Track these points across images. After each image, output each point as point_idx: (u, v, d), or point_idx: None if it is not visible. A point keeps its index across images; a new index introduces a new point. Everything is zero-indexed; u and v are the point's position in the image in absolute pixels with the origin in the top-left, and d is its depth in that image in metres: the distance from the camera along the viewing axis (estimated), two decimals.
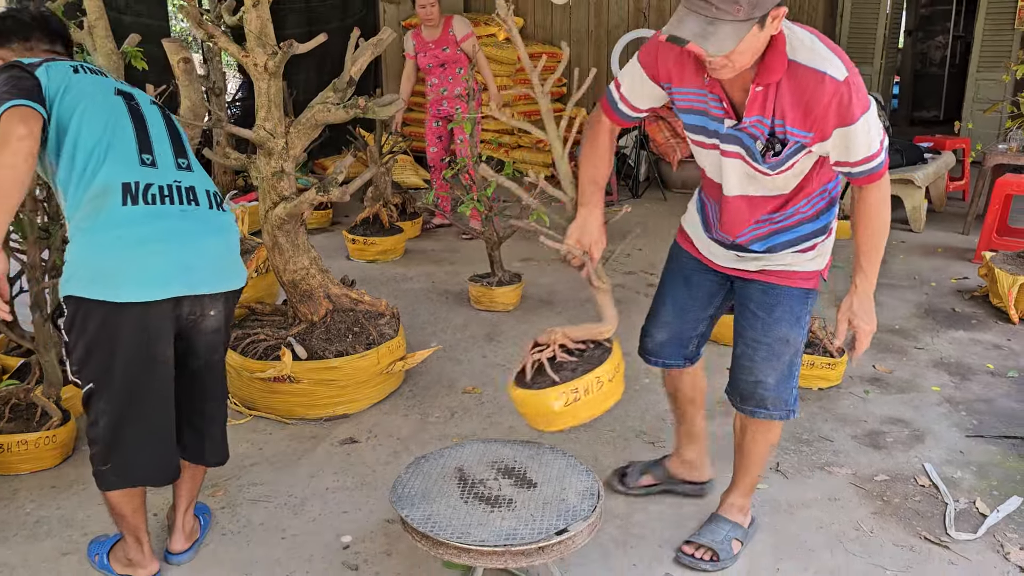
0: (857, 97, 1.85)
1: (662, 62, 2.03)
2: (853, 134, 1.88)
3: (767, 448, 2.39)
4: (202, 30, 2.94)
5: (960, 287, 4.74)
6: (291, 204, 3.08)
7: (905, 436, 3.09)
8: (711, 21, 1.72)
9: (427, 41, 5.65)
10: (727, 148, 2.03)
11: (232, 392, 3.33)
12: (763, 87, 1.88)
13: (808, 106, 1.87)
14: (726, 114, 1.98)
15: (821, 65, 1.84)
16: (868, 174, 1.96)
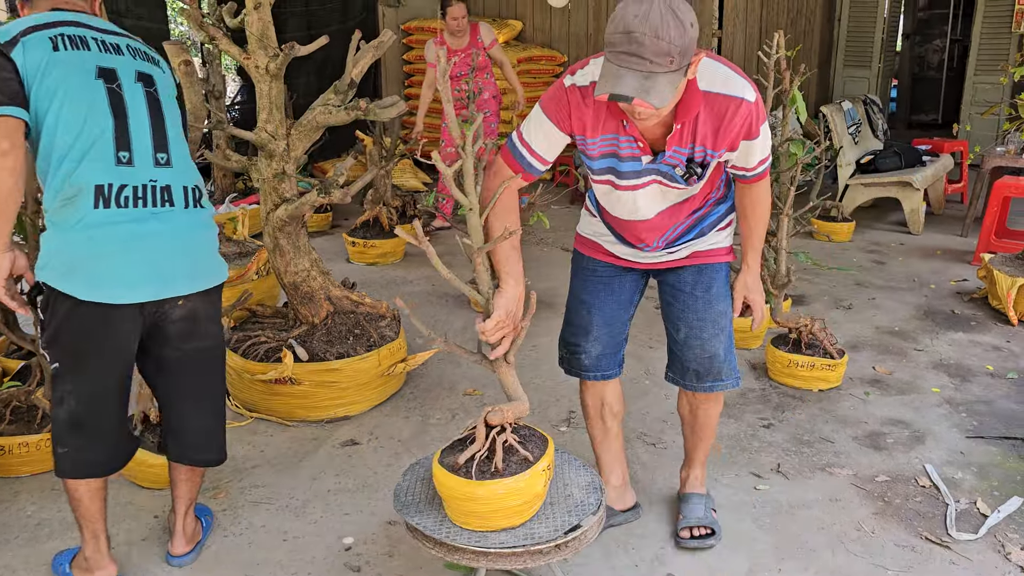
0: (761, 114, 2.01)
1: (575, 115, 2.02)
2: (755, 146, 2.06)
3: (717, 418, 2.54)
4: (204, 32, 2.95)
5: (959, 289, 4.74)
6: (292, 206, 3.09)
7: (906, 437, 3.09)
8: (648, 75, 1.74)
9: (455, 50, 5.78)
10: (641, 181, 2.11)
11: (233, 394, 3.34)
12: (682, 124, 1.96)
13: (725, 129, 1.98)
14: (642, 151, 2.04)
15: (735, 91, 1.95)
16: (759, 175, 2.18)
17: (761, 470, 2.87)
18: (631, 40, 1.73)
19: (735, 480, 2.80)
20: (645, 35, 1.72)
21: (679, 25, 1.73)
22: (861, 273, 5.03)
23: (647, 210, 2.18)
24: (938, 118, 11.27)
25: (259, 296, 3.74)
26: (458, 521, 1.95)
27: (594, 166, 2.14)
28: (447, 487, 1.92)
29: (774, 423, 3.20)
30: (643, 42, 1.72)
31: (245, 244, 3.94)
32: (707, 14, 7.60)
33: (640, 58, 1.73)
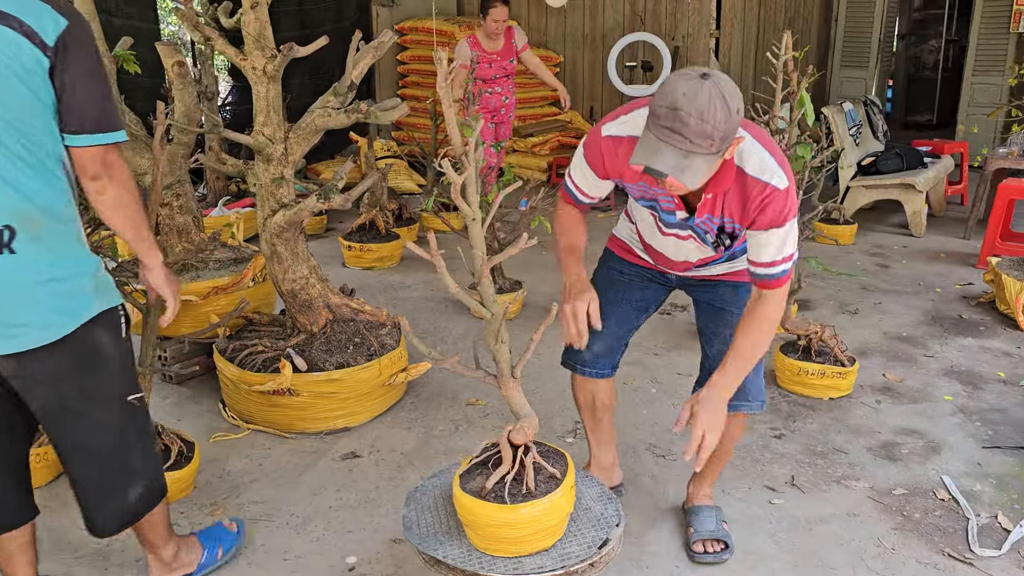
0: (791, 206, 1.94)
1: (609, 164, 2.07)
2: (775, 236, 1.96)
3: (738, 440, 2.44)
4: (199, 33, 2.85)
5: (965, 293, 4.68)
6: (291, 212, 2.99)
7: (920, 447, 3.02)
8: (686, 154, 1.75)
9: (490, 52, 5.66)
10: (679, 232, 2.16)
11: (229, 405, 3.24)
12: (712, 195, 1.98)
13: (749, 208, 1.96)
14: (676, 207, 2.07)
15: (767, 176, 1.92)
16: (773, 278, 2.01)
17: (775, 483, 2.79)
18: (676, 117, 1.73)
19: (748, 493, 2.72)
20: (691, 115, 1.72)
21: (726, 110, 1.75)
22: (866, 277, 4.96)
23: (679, 254, 2.25)
24: (933, 119, 11.23)
25: (255, 303, 3.64)
26: (488, 548, 1.87)
27: (640, 204, 2.20)
28: (477, 515, 1.84)
29: (786, 433, 3.12)
30: (688, 122, 1.73)
31: (240, 250, 3.84)
32: (705, 14, 7.53)
33: (682, 137, 1.74)
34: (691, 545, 2.43)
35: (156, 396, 3.39)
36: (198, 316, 3.50)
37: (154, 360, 2.67)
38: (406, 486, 2.78)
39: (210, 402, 3.37)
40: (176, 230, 3.63)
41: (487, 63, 5.67)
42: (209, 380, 3.50)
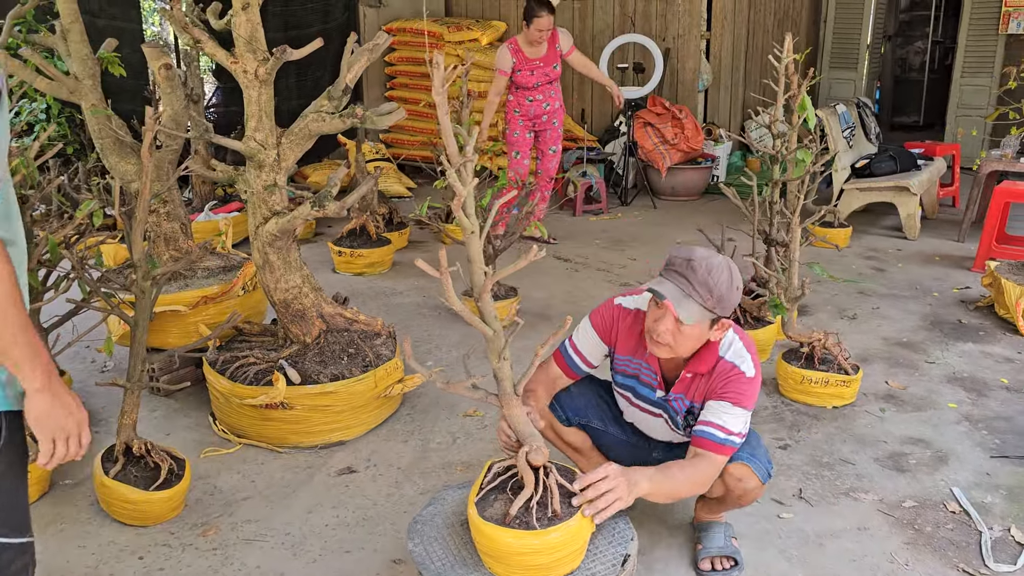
0: (750, 394, 2.18)
1: (614, 328, 2.34)
2: (736, 413, 2.15)
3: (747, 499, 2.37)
4: (189, 35, 2.75)
5: (963, 297, 4.65)
6: (284, 219, 2.90)
7: (928, 457, 2.97)
8: (686, 295, 2.05)
9: (532, 59, 5.41)
10: (653, 410, 2.36)
11: (220, 419, 3.15)
12: (692, 374, 2.23)
13: (716, 384, 2.19)
14: (658, 385, 2.30)
15: (739, 361, 2.19)
16: (710, 438, 2.14)
17: (783, 496, 2.73)
18: (688, 266, 2.07)
19: (756, 508, 2.66)
20: (700, 267, 2.06)
21: (730, 280, 2.09)
22: (864, 281, 4.92)
23: (654, 433, 2.44)
24: (920, 120, 11.26)
25: (245, 313, 3.54)
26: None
27: (617, 379, 2.41)
28: (502, 543, 1.77)
29: (791, 443, 3.06)
30: (696, 270, 2.06)
31: (229, 257, 3.74)
32: (695, 15, 7.48)
33: (687, 280, 2.06)
34: (699, 562, 2.36)
35: (144, 409, 3.29)
36: (186, 327, 3.40)
37: (142, 375, 2.57)
38: (405, 502, 2.69)
39: (200, 415, 3.27)
40: (164, 237, 3.53)
41: (528, 70, 5.42)
42: (199, 393, 3.40)
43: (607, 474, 1.95)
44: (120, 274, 3.47)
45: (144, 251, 2.57)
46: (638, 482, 1.99)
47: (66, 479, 2.83)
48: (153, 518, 2.55)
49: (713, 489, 2.27)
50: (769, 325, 3.76)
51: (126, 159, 3.36)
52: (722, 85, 7.90)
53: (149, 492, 2.52)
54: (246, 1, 2.74)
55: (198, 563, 2.39)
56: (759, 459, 2.27)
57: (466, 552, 1.90)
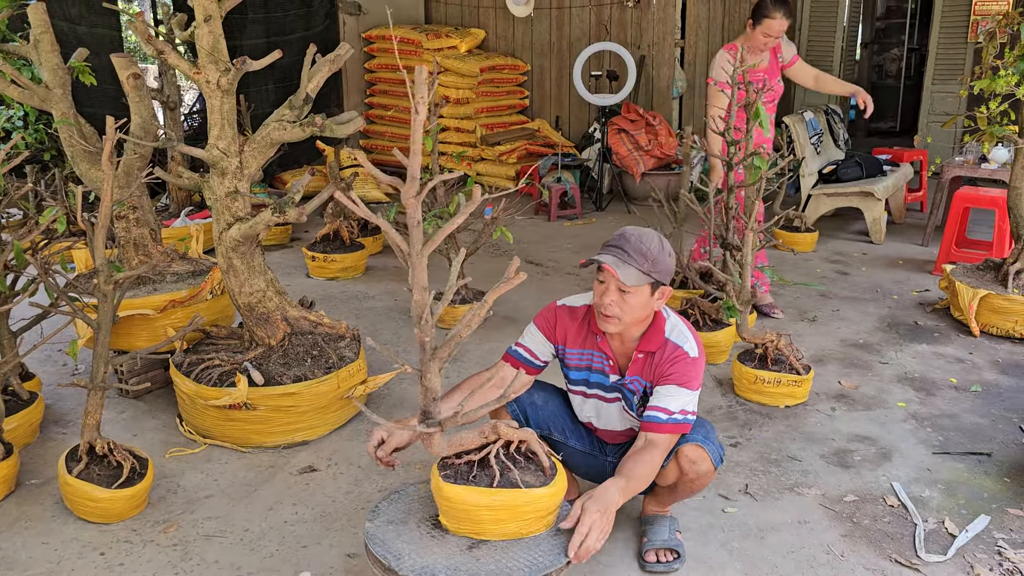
0: (696, 374, 2.32)
1: (559, 327, 2.46)
2: (682, 393, 2.30)
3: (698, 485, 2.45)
4: (151, 46, 2.83)
5: (922, 300, 4.76)
6: (246, 225, 2.98)
7: (872, 454, 3.07)
8: (622, 262, 2.22)
9: (751, 70, 4.23)
10: (608, 396, 2.46)
11: (186, 420, 3.22)
12: (643, 354, 2.36)
13: (664, 365, 2.33)
14: (611, 370, 2.42)
15: (681, 341, 2.34)
16: (657, 422, 2.27)
17: (729, 491, 2.82)
18: (621, 237, 2.27)
19: (702, 503, 2.75)
20: (632, 236, 2.26)
21: (660, 246, 2.28)
22: (825, 284, 5.03)
23: (610, 423, 2.51)
24: (896, 126, 11.41)
25: (213, 317, 3.62)
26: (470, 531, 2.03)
27: (571, 375, 2.51)
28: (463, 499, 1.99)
29: (741, 442, 3.16)
30: (629, 239, 2.25)
31: (199, 262, 3.81)
32: (670, 24, 7.61)
33: (621, 249, 2.24)
34: (643, 555, 2.45)
35: (112, 411, 3.37)
36: (155, 330, 3.47)
37: (105, 377, 2.64)
38: (363, 499, 2.77)
39: (167, 417, 3.35)
40: (133, 243, 3.60)
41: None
42: (166, 394, 3.48)
43: (583, 512, 2.05)
44: (87, 280, 3.54)
45: (106, 256, 2.64)
46: (611, 503, 2.09)
47: (32, 479, 2.90)
48: (115, 515, 2.62)
49: (666, 475, 2.36)
50: (727, 327, 3.86)
51: (96, 166, 3.43)
52: (696, 92, 8.02)
53: (112, 490, 2.59)
54: (208, 13, 2.82)
55: (158, 558, 2.47)
56: (712, 443, 2.38)
57: (436, 547, 2.00)
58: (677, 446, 2.33)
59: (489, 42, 8.39)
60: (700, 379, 2.33)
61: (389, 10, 8.06)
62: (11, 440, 2.87)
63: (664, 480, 2.40)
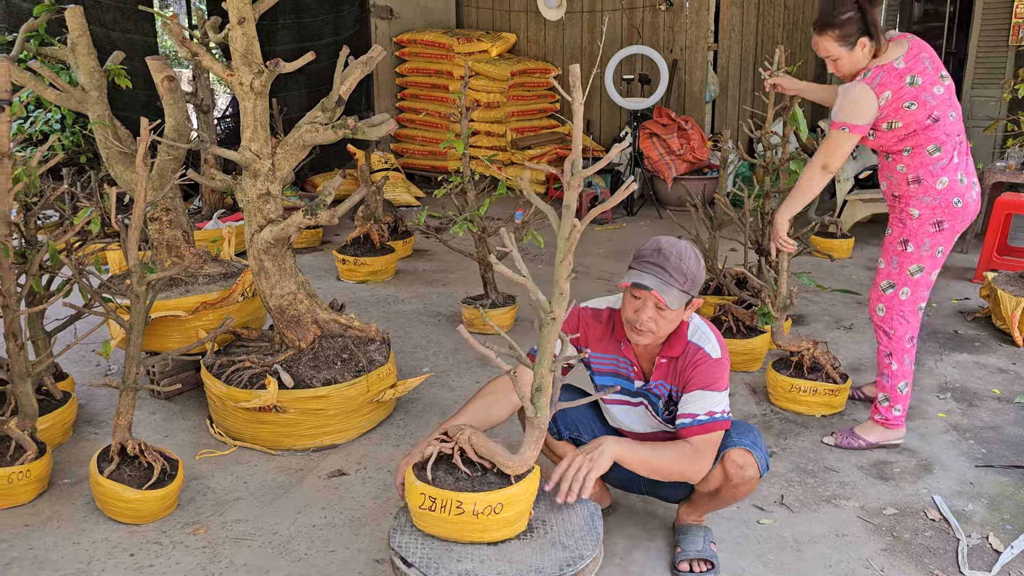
0: (720, 376, 2.27)
1: (583, 330, 2.43)
2: (707, 395, 2.25)
3: (741, 493, 2.38)
4: (185, 48, 2.84)
5: (962, 308, 4.65)
6: (278, 227, 2.98)
7: (913, 466, 2.99)
8: (664, 283, 2.17)
9: None
10: (632, 400, 2.44)
11: (217, 421, 3.23)
12: (667, 359, 2.33)
13: (687, 369, 2.29)
14: (636, 376, 2.39)
15: (703, 342, 2.30)
16: (705, 424, 2.23)
17: (764, 502, 2.76)
18: (660, 254, 2.20)
19: (737, 513, 2.69)
20: (672, 254, 2.20)
21: (697, 261, 2.24)
22: (862, 291, 4.93)
23: (634, 426, 2.48)
24: None
25: (244, 319, 3.62)
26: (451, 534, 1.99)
27: (595, 379, 2.48)
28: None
29: (777, 451, 3.09)
30: (669, 258, 2.19)
31: (231, 264, 3.82)
32: (703, 27, 7.54)
33: (662, 269, 2.18)
34: (677, 565, 2.40)
35: (143, 411, 3.38)
36: (187, 331, 3.48)
37: (136, 378, 2.65)
38: (392, 505, 2.75)
39: (198, 418, 3.35)
40: (166, 244, 3.62)
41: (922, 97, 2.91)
42: (198, 396, 3.49)
43: (566, 458, 2.14)
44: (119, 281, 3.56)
45: (140, 258, 2.65)
46: (605, 449, 2.13)
47: (65, 478, 2.92)
48: (146, 516, 2.62)
49: (711, 479, 2.31)
50: (762, 334, 3.79)
51: (131, 168, 3.45)
52: (729, 96, 7.93)
53: (142, 491, 2.59)
54: (242, 16, 2.82)
55: (187, 560, 2.46)
56: (760, 449, 2.32)
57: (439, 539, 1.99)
58: (724, 449, 2.28)
59: (520, 46, 8.37)
60: (725, 379, 2.29)
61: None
62: (44, 439, 2.89)
63: (707, 485, 2.34)
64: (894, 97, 2.82)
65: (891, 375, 3.07)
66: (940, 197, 2.90)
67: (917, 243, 2.97)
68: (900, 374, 3.07)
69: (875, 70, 2.84)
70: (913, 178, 2.92)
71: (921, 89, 2.83)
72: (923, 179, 2.91)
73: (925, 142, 2.87)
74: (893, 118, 2.86)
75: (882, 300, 3.08)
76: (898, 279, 3.03)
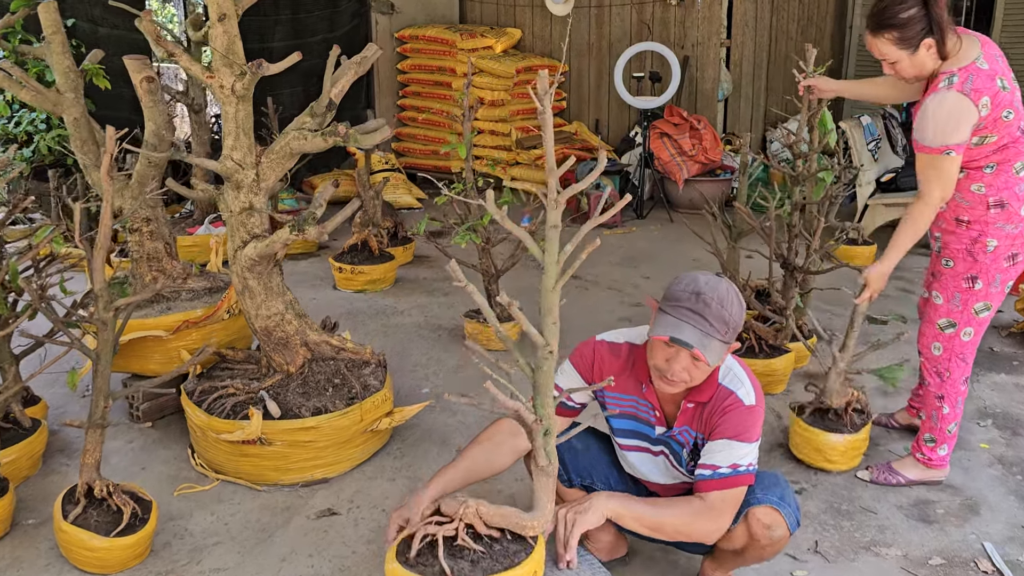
0: (752, 425, 2.01)
1: (598, 367, 2.15)
2: (733, 446, 1.99)
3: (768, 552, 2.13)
4: (160, 47, 2.59)
5: (995, 322, 4.37)
6: (262, 244, 2.72)
7: (957, 506, 2.73)
8: (705, 335, 1.89)
9: None
10: (652, 448, 2.17)
11: (198, 452, 2.98)
12: (694, 404, 2.06)
13: (715, 415, 2.03)
14: (657, 421, 2.12)
15: (736, 386, 2.03)
16: (711, 478, 1.99)
17: (797, 550, 2.50)
18: (699, 300, 1.90)
19: (766, 564, 2.43)
20: (713, 300, 1.90)
21: (740, 305, 1.95)
22: (889, 303, 4.66)
23: (652, 476, 2.22)
24: None
25: (230, 338, 3.37)
26: None
27: (611, 422, 2.21)
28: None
29: (807, 487, 2.84)
30: (710, 304, 1.90)
31: (216, 278, 3.56)
32: (715, 22, 7.26)
33: (703, 318, 1.89)
34: None
35: (120, 439, 3.14)
36: (168, 352, 3.24)
37: (106, 412, 2.40)
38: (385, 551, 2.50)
39: (179, 447, 3.11)
40: (146, 257, 3.36)
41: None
42: (180, 421, 3.24)
43: (573, 510, 1.93)
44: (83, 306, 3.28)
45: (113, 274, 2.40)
46: (594, 504, 1.92)
47: (30, 517, 2.67)
48: (114, 566, 2.38)
49: (734, 538, 2.06)
50: (786, 354, 3.53)
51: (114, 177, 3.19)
52: (743, 95, 7.66)
53: (110, 539, 2.34)
54: (222, 12, 2.56)
55: None
56: (789, 505, 2.06)
57: None
58: (748, 507, 2.02)
59: (525, 42, 8.10)
60: (757, 429, 2.03)
61: None
62: (9, 473, 2.66)
63: (730, 543, 2.09)
64: (993, 105, 2.41)
65: (941, 418, 2.79)
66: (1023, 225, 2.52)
67: (987, 279, 2.60)
68: (951, 417, 2.79)
69: (961, 73, 2.43)
70: (996, 201, 2.52)
71: (1011, 95, 2.44)
72: (1007, 203, 2.52)
73: (1013, 158, 2.49)
74: (990, 130, 2.44)
75: (939, 339, 2.77)
76: (960, 318, 2.70)
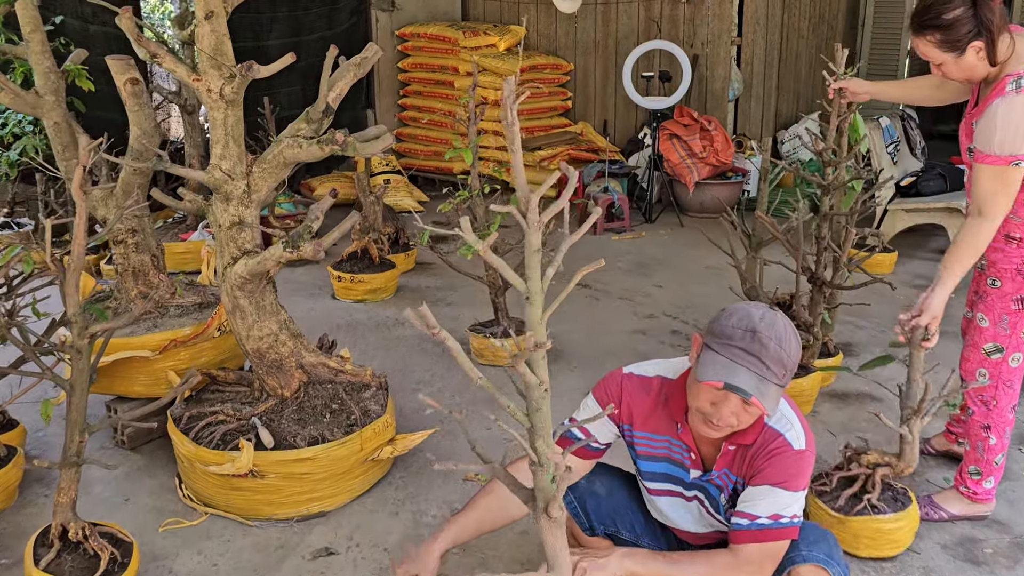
0: (800, 472, 1.81)
1: (626, 403, 1.96)
2: (772, 493, 1.80)
3: None
4: (142, 47, 2.37)
5: None
6: (253, 261, 2.51)
7: (1007, 546, 2.53)
8: (762, 380, 1.70)
9: None
10: (686, 493, 1.98)
11: (187, 483, 2.77)
12: (736, 446, 1.86)
13: (759, 459, 1.84)
14: (692, 464, 1.93)
15: (785, 429, 1.84)
16: (747, 528, 1.80)
17: None
18: (756, 340, 1.70)
19: None
20: (771, 340, 1.70)
21: (798, 344, 1.75)
22: None
23: (683, 523, 2.03)
24: None
25: (221, 357, 3.16)
26: None
27: (640, 465, 2.01)
28: None
29: None
30: (767, 345, 1.70)
31: (207, 292, 3.36)
32: (726, 20, 7.05)
33: (760, 361, 1.69)
34: None
35: None
36: (154, 373, 3.03)
37: (81, 448, 2.19)
38: None
39: (166, 476, 2.90)
40: (132, 271, 3.16)
41: None
42: (167, 446, 3.02)
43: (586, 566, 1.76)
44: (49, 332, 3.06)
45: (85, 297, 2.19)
46: (610, 563, 1.76)
47: (2, 557, 2.47)
48: None
49: None
50: (812, 373, 3.32)
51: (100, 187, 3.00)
52: (753, 94, 7.44)
53: None
54: (210, 9, 2.35)
55: None
56: (837, 563, 1.86)
57: None
58: (792, 565, 1.82)
59: (530, 40, 7.88)
60: (805, 479, 1.84)
61: None
62: None
63: None
64: None
65: (987, 449, 2.59)
66: None
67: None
68: (999, 448, 2.59)
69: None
70: None
71: None
72: None
73: None
74: None
75: (985, 365, 2.58)
76: (1008, 342, 2.52)
